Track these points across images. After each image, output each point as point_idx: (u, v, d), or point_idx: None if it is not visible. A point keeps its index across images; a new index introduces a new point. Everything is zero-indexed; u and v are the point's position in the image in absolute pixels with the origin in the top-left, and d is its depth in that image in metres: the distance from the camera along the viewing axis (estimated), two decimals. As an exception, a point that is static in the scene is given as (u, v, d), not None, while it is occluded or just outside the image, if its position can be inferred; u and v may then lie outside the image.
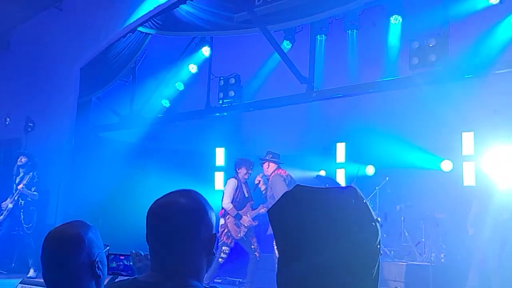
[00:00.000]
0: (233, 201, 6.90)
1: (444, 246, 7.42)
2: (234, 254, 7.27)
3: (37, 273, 7.52)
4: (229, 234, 6.84)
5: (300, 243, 0.99)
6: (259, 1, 6.93)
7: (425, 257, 7.37)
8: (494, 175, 6.58)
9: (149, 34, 8.48)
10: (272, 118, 8.83)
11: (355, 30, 7.16)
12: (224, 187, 7.28)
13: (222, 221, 6.93)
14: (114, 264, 2.12)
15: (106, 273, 1.86)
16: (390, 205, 8.06)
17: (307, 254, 0.98)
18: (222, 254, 6.76)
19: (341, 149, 9.15)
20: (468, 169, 7.50)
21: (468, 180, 7.48)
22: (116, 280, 1.97)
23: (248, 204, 7.02)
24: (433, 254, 7.25)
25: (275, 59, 7.65)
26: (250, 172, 7.06)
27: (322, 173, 8.64)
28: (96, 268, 1.78)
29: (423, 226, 7.62)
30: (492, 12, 5.93)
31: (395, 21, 6.74)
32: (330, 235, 0.98)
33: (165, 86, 8.82)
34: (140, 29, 8.48)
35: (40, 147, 9.06)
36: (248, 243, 6.93)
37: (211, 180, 9.32)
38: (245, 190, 7.04)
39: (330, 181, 7.61)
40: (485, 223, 6.43)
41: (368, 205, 1.04)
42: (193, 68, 8.59)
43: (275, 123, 9.08)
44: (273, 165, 6.82)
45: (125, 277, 1.81)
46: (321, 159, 8.99)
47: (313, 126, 8.99)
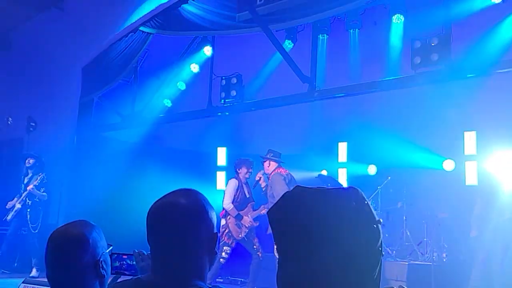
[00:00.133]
0: (233, 202, 6.91)
1: (446, 246, 7.42)
2: (236, 254, 7.27)
3: (39, 272, 7.53)
4: (230, 234, 6.84)
5: (300, 245, 0.99)
6: (260, 0, 6.92)
7: (427, 256, 7.37)
8: (497, 175, 6.58)
9: (150, 33, 8.48)
10: (274, 117, 8.83)
11: (357, 30, 7.15)
12: (225, 187, 7.29)
13: (223, 221, 6.93)
14: (117, 264, 2.12)
15: (110, 272, 1.86)
16: (392, 204, 8.06)
17: (307, 256, 0.98)
18: (223, 254, 6.76)
19: (343, 148, 9.14)
20: (470, 168, 7.50)
21: (470, 180, 7.47)
22: (119, 280, 1.97)
23: (249, 205, 7.03)
24: (435, 254, 7.24)
25: (277, 58, 7.64)
26: (250, 171, 7.06)
27: (324, 172, 8.63)
28: (100, 267, 1.78)
29: (425, 225, 7.62)
30: (494, 11, 5.91)
31: (397, 20, 6.72)
32: (330, 237, 0.97)
33: (167, 86, 8.81)
34: (142, 28, 8.48)
35: (42, 147, 9.07)
36: (250, 243, 6.93)
37: (212, 180, 9.32)
38: (246, 191, 7.04)
39: (332, 180, 7.60)
40: (488, 223, 6.43)
41: (370, 206, 1.03)
42: (195, 68, 8.58)
43: (277, 122, 9.08)
44: (274, 164, 6.83)
45: (128, 277, 1.81)
46: (323, 159, 8.98)
47: (315, 126, 8.99)
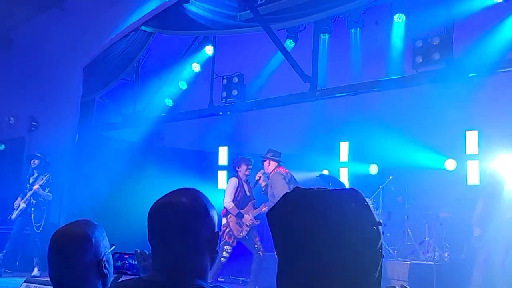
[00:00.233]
0: (234, 200, 6.90)
1: (448, 245, 7.41)
2: (237, 253, 7.27)
3: (41, 272, 7.53)
4: (231, 233, 6.83)
5: (299, 247, 0.98)
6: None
7: (429, 256, 7.35)
8: (499, 174, 6.57)
9: (152, 33, 8.48)
10: (275, 117, 8.82)
11: (358, 29, 7.14)
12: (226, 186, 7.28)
13: (224, 220, 6.92)
14: (119, 263, 2.11)
15: (112, 272, 1.85)
16: (393, 204, 8.05)
17: (306, 258, 0.97)
18: (224, 253, 6.75)
19: (344, 148, 9.14)
20: (472, 168, 7.49)
21: (472, 179, 7.47)
22: (121, 279, 1.97)
23: (249, 203, 7.01)
24: (436, 253, 7.23)
25: (278, 58, 7.63)
26: (250, 169, 7.04)
27: (325, 172, 8.63)
28: (103, 267, 1.77)
29: (427, 225, 7.60)
30: (496, 10, 5.90)
31: (399, 19, 6.71)
32: (329, 239, 0.96)
33: (168, 85, 8.82)
34: (143, 28, 8.48)
35: (43, 146, 9.07)
36: (251, 242, 6.92)
37: (214, 179, 9.32)
38: (246, 189, 7.03)
39: (333, 180, 7.60)
40: (490, 222, 6.42)
41: (370, 207, 1.02)
42: (196, 67, 8.58)
43: (278, 122, 9.07)
44: (274, 163, 6.82)
45: (129, 276, 1.80)
46: (324, 158, 8.97)
47: (316, 125, 8.97)
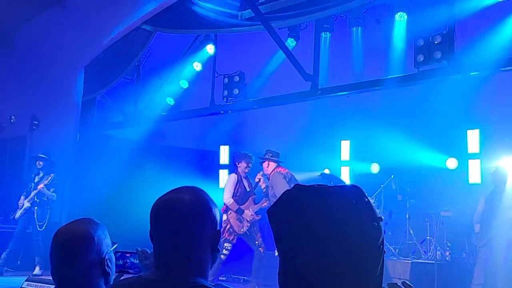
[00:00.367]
0: (233, 196, 6.88)
1: (449, 244, 7.40)
2: (238, 252, 7.27)
3: (42, 270, 7.54)
4: (231, 230, 6.82)
5: (301, 244, 0.98)
6: (263, -2, 6.92)
7: (430, 255, 7.35)
8: (502, 171, 6.57)
9: (153, 32, 8.48)
10: (277, 116, 8.82)
11: (359, 28, 7.13)
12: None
13: (224, 216, 6.89)
14: (121, 262, 2.11)
15: (115, 270, 1.85)
16: (395, 203, 8.05)
17: (307, 255, 0.97)
18: (224, 250, 6.73)
19: (345, 146, 9.14)
20: (474, 166, 7.49)
21: (474, 178, 7.47)
22: (122, 278, 1.97)
23: (250, 198, 6.99)
24: (438, 252, 7.23)
25: (279, 56, 7.63)
26: (250, 166, 7.02)
27: (327, 171, 8.62)
28: (105, 265, 1.77)
29: (428, 223, 7.60)
30: (498, 8, 5.89)
31: (400, 18, 6.71)
32: (330, 235, 0.96)
33: (169, 84, 8.82)
34: (144, 27, 8.48)
35: (45, 145, 9.08)
36: (252, 238, 6.89)
37: (215, 178, 9.33)
38: (246, 184, 7.01)
39: (334, 179, 7.59)
40: (491, 220, 6.42)
41: (371, 203, 1.02)
42: (197, 66, 8.58)
43: (279, 121, 9.07)
44: (273, 164, 6.79)
45: (131, 275, 1.80)
46: (326, 157, 8.97)
47: (317, 124, 8.97)
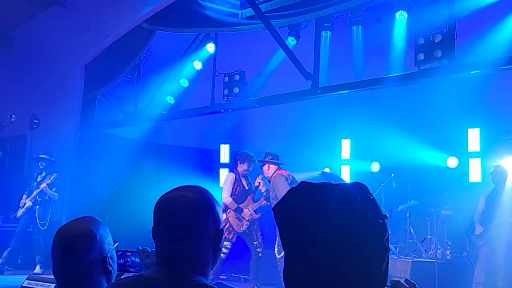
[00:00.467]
0: (232, 195, 6.87)
1: (450, 243, 7.40)
2: (239, 251, 7.27)
3: (43, 269, 7.54)
4: (230, 229, 6.82)
5: (307, 240, 0.98)
6: (263, -3, 6.91)
7: (431, 253, 7.35)
8: (502, 169, 6.56)
9: (153, 30, 8.47)
10: (277, 114, 8.82)
11: (360, 26, 7.12)
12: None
13: (224, 216, 6.89)
14: (122, 261, 2.11)
15: (116, 269, 1.85)
16: (395, 202, 8.05)
17: (313, 251, 0.97)
18: (223, 249, 6.73)
19: (346, 145, 9.14)
20: (474, 165, 7.49)
21: (474, 177, 7.47)
22: (122, 277, 1.97)
23: (249, 197, 6.99)
24: (438, 251, 7.23)
25: (280, 55, 7.63)
26: (250, 168, 7.03)
27: (327, 170, 8.62)
28: (107, 264, 1.77)
29: (429, 222, 7.60)
30: (499, 7, 5.88)
31: (401, 16, 6.70)
32: (336, 232, 0.97)
33: (169, 83, 8.81)
34: (145, 25, 8.47)
35: (45, 144, 9.08)
36: (251, 237, 6.88)
37: (216, 177, 9.33)
38: (244, 183, 7.00)
39: (335, 177, 7.59)
40: (491, 220, 6.42)
41: (376, 201, 1.02)
42: (197, 65, 8.57)
43: (279, 119, 9.07)
44: (274, 167, 6.77)
45: (132, 274, 1.80)
46: (326, 156, 8.97)
47: (318, 123, 8.97)
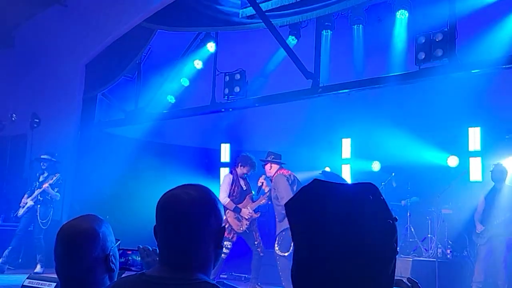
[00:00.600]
0: (230, 196, 6.87)
1: (450, 242, 7.40)
2: (239, 250, 7.26)
3: (43, 268, 7.54)
4: (230, 229, 6.81)
5: (316, 239, 0.99)
6: (264, -4, 6.91)
7: (431, 252, 7.35)
8: (502, 168, 6.57)
9: (154, 30, 8.47)
10: (278, 114, 8.82)
11: (361, 25, 7.13)
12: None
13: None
14: (123, 259, 2.11)
15: (118, 267, 1.85)
16: (395, 201, 8.04)
17: (324, 249, 0.98)
18: (224, 249, 6.73)
19: (346, 144, 9.14)
20: (475, 164, 7.49)
21: (475, 176, 7.46)
22: (123, 275, 1.97)
23: (247, 197, 6.98)
24: (439, 250, 7.23)
25: (280, 54, 7.63)
26: (248, 174, 7.02)
27: (327, 169, 8.62)
28: (110, 262, 1.78)
29: (429, 221, 7.61)
30: (499, 6, 5.88)
31: (401, 16, 6.71)
32: (348, 229, 0.97)
33: (170, 82, 8.81)
34: (145, 25, 8.47)
35: (46, 143, 9.09)
36: (252, 237, 6.89)
37: (216, 176, 9.32)
38: (242, 184, 6.99)
39: (335, 177, 7.56)
40: (491, 219, 6.42)
41: (386, 202, 1.03)
42: (198, 64, 8.57)
43: (280, 119, 9.07)
44: (276, 166, 6.75)
45: (133, 272, 1.80)
46: (327, 155, 8.97)
47: (318, 122, 8.97)
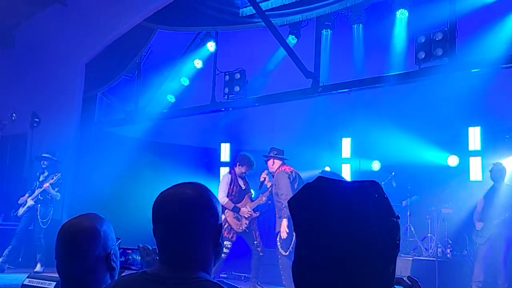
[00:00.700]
0: (229, 195, 6.87)
1: (450, 241, 7.40)
2: (239, 250, 7.26)
3: (44, 268, 7.54)
4: (230, 228, 6.81)
5: (319, 236, 0.99)
6: (264, -5, 6.91)
7: (431, 252, 7.36)
8: (501, 167, 6.57)
9: (154, 29, 8.47)
10: (278, 113, 8.82)
11: (361, 25, 7.13)
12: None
13: (222, 216, 6.86)
14: (123, 258, 2.11)
15: (119, 266, 1.86)
16: (395, 200, 8.04)
17: (326, 246, 0.98)
18: (224, 249, 6.73)
19: (346, 144, 9.13)
20: (475, 164, 7.49)
21: (475, 175, 7.46)
22: (124, 274, 1.97)
23: (246, 196, 6.98)
24: (439, 249, 7.23)
25: (280, 54, 7.63)
26: (246, 173, 7.02)
27: (327, 169, 8.62)
28: (111, 260, 1.78)
29: (429, 221, 7.61)
30: (500, 5, 5.88)
31: (401, 15, 6.70)
32: (350, 228, 0.97)
33: (170, 82, 8.81)
34: (145, 24, 8.47)
35: (46, 142, 9.09)
36: (251, 237, 6.88)
37: (216, 176, 9.32)
38: (241, 183, 6.99)
39: (335, 176, 7.54)
40: (491, 218, 6.42)
41: (389, 201, 1.03)
42: (198, 63, 8.57)
43: (280, 118, 9.06)
44: (278, 162, 6.73)
45: (133, 271, 1.80)
46: (327, 154, 8.97)
47: (318, 121, 8.96)
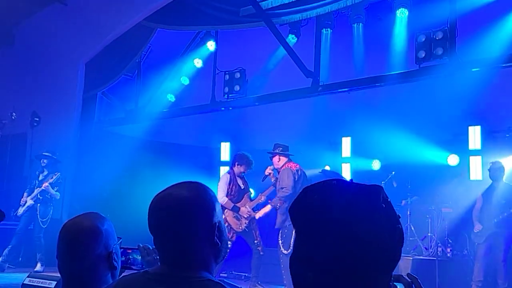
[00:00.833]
0: (228, 195, 6.87)
1: (450, 241, 7.40)
2: (239, 249, 7.26)
3: (44, 267, 7.54)
4: (229, 228, 6.81)
5: (321, 238, 0.98)
6: (264, -6, 6.90)
7: (431, 251, 7.36)
8: (500, 166, 6.57)
9: (154, 28, 8.47)
10: (278, 112, 8.81)
11: (361, 24, 7.13)
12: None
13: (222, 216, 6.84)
14: (123, 258, 2.11)
15: (120, 265, 1.85)
16: (396, 200, 8.04)
17: (327, 249, 0.97)
18: None
19: (346, 143, 9.13)
20: (475, 163, 7.49)
21: (475, 174, 7.46)
22: (124, 274, 1.97)
23: (245, 196, 6.97)
24: (439, 249, 7.23)
25: (280, 53, 7.63)
26: (245, 172, 7.01)
27: (327, 168, 8.62)
28: (113, 259, 1.78)
29: (429, 220, 7.61)
30: (500, 4, 5.88)
31: (401, 14, 6.70)
32: (352, 231, 0.96)
33: (170, 81, 8.82)
34: (145, 23, 8.47)
35: (46, 141, 9.08)
36: (251, 236, 6.88)
37: (216, 175, 9.32)
38: (240, 182, 6.98)
39: (335, 176, 7.58)
40: (490, 218, 6.41)
41: (392, 206, 1.02)
42: (198, 63, 8.57)
43: (280, 117, 9.06)
44: (284, 158, 6.63)
45: (134, 271, 1.80)
46: (327, 154, 8.97)
47: (318, 121, 8.95)
